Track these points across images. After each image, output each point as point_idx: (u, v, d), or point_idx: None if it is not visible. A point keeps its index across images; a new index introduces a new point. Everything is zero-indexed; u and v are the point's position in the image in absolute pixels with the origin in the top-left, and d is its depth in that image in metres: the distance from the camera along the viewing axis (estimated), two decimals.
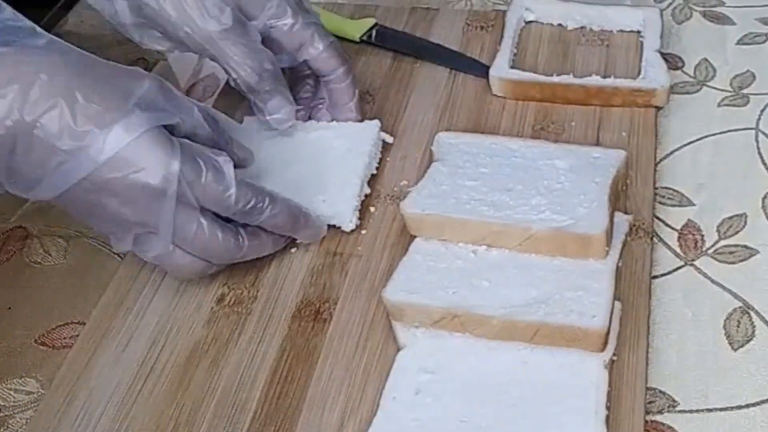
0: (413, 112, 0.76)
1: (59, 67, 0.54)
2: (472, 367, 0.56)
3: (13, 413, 0.60)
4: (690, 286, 0.62)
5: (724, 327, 0.60)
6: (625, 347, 0.57)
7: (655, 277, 0.63)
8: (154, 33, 0.68)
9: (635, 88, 0.73)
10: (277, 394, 0.58)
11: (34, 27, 0.56)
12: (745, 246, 0.64)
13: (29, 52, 0.54)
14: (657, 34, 0.78)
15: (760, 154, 0.70)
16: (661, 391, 0.57)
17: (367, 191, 0.69)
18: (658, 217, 0.66)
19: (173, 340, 0.62)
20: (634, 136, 0.71)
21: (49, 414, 0.58)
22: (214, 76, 0.84)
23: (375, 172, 0.70)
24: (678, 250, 0.65)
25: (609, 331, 0.56)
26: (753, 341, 0.59)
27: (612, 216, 0.61)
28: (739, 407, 0.55)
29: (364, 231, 0.67)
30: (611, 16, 0.80)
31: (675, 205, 0.67)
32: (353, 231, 0.66)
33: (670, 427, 0.55)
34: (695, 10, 0.84)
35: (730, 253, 0.64)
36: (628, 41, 0.79)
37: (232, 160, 0.59)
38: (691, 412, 0.55)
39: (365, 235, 0.66)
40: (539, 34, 0.81)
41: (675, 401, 0.56)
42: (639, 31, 0.80)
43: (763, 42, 0.80)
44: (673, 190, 0.68)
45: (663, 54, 0.76)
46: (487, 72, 0.76)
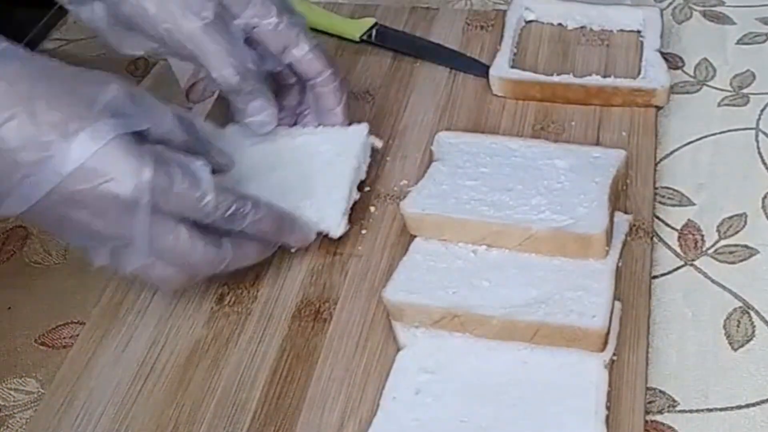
0: (413, 111, 0.76)
1: (19, 75, 0.51)
2: (472, 367, 0.56)
3: (13, 413, 0.60)
4: (690, 286, 0.62)
5: (724, 327, 0.60)
6: (625, 347, 0.57)
7: (655, 277, 0.63)
8: (133, 36, 0.65)
9: (635, 88, 0.73)
10: (277, 394, 0.58)
11: None
12: (745, 246, 0.64)
13: None
14: (657, 33, 0.78)
15: (760, 154, 0.70)
16: (661, 391, 0.57)
17: (356, 197, 0.66)
18: (658, 217, 0.66)
19: (173, 340, 0.62)
20: (634, 135, 0.71)
21: (49, 414, 0.58)
22: None
23: (364, 177, 0.68)
24: (678, 250, 0.65)
25: (609, 331, 0.56)
26: (753, 341, 0.59)
27: (612, 216, 0.61)
28: (739, 407, 0.55)
29: (364, 231, 0.67)
30: (611, 16, 0.81)
31: (675, 205, 0.67)
32: (344, 236, 0.64)
33: (670, 427, 0.55)
34: (695, 10, 0.84)
35: (730, 253, 0.64)
36: (628, 41, 0.79)
37: (210, 165, 0.56)
38: (691, 412, 0.55)
39: (365, 235, 0.66)
40: (539, 34, 0.81)
41: (675, 401, 0.56)
42: (639, 31, 0.80)
43: (763, 42, 0.80)
44: (673, 190, 0.68)
45: (663, 54, 0.76)
46: (487, 72, 0.76)
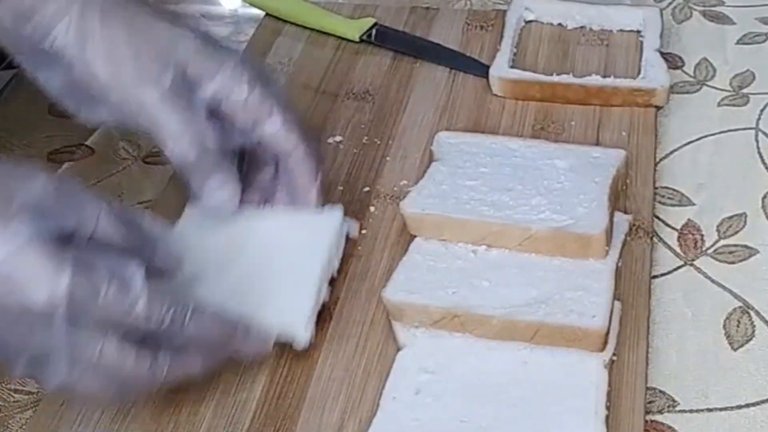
0: (413, 111, 0.76)
1: None
2: (472, 367, 0.56)
3: (13, 413, 0.60)
4: (690, 286, 0.62)
5: (724, 327, 0.60)
6: (625, 347, 0.57)
7: (655, 277, 0.63)
8: (90, 103, 0.59)
9: (635, 88, 0.73)
10: (277, 394, 0.58)
11: None
12: (745, 246, 0.64)
13: None
14: (657, 33, 0.78)
15: (760, 153, 0.70)
16: (661, 391, 0.57)
17: (326, 297, 0.60)
18: (658, 217, 0.66)
19: None
20: (634, 135, 0.71)
21: (49, 414, 0.58)
22: None
23: (337, 270, 0.62)
24: (678, 250, 0.65)
25: (609, 331, 0.56)
26: (753, 341, 0.59)
27: (612, 216, 0.61)
28: (739, 407, 0.55)
29: (364, 231, 0.66)
30: (611, 16, 0.81)
31: (675, 205, 0.67)
32: (307, 343, 0.57)
33: (670, 427, 0.55)
34: (695, 10, 0.84)
35: (730, 253, 0.64)
36: (628, 41, 0.79)
37: (145, 267, 0.49)
38: (691, 412, 0.55)
39: (365, 235, 0.66)
40: (539, 34, 0.81)
41: (675, 401, 0.56)
42: (639, 31, 0.80)
43: (763, 42, 0.80)
44: (673, 190, 0.68)
45: (663, 53, 0.76)
46: (487, 72, 0.76)
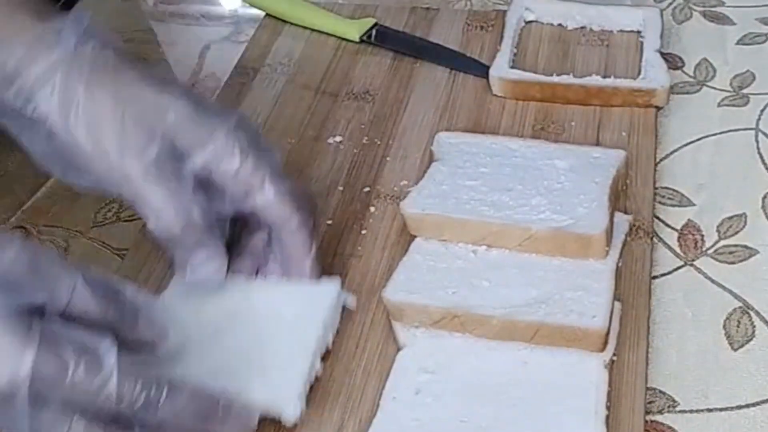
0: (413, 111, 0.76)
1: None
2: (472, 367, 0.56)
3: None
4: (690, 286, 0.62)
5: (724, 327, 0.60)
6: (625, 347, 0.57)
7: (655, 277, 0.63)
8: (76, 169, 0.57)
9: (635, 88, 0.73)
10: None
11: None
12: (745, 246, 0.64)
13: None
14: (657, 34, 0.78)
15: (760, 154, 0.70)
16: (661, 391, 0.57)
17: (319, 371, 0.57)
18: (658, 217, 0.66)
19: None
20: (634, 136, 0.71)
21: None
22: (214, 76, 0.84)
23: (331, 344, 0.58)
24: (678, 250, 0.65)
25: (609, 331, 0.56)
26: (753, 341, 0.59)
27: (612, 216, 0.61)
28: (739, 407, 0.55)
29: (364, 231, 0.66)
30: (611, 16, 0.81)
31: (675, 205, 0.67)
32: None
33: (670, 427, 0.55)
34: (695, 10, 0.84)
35: (730, 253, 0.64)
36: (628, 41, 0.79)
37: (127, 340, 0.47)
38: (691, 412, 0.55)
39: (365, 235, 0.66)
40: (539, 34, 0.81)
41: (675, 401, 0.56)
42: (639, 31, 0.80)
43: (763, 42, 0.80)
44: (673, 190, 0.68)
45: (663, 54, 0.76)
46: (487, 72, 0.76)
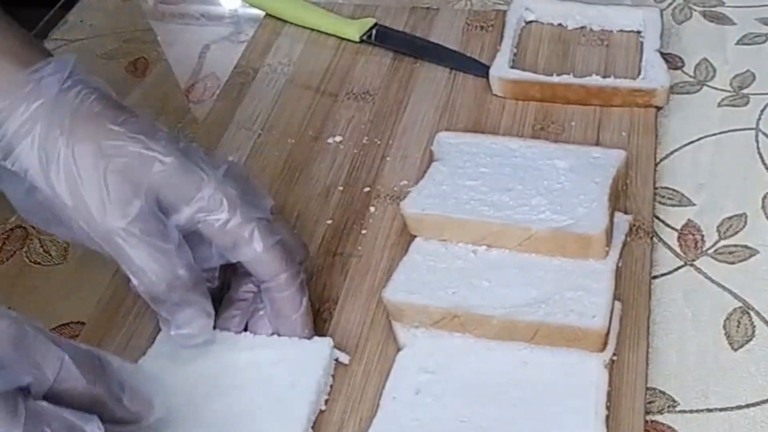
0: (413, 111, 0.76)
1: None
2: (472, 367, 0.56)
3: None
4: (690, 286, 0.62)
5: (724, 327, 0.60)
6: (625, 347, 0.57)
7: (655, 277, 0.63)
8: (58, 223, 0.56)
9: (635, 88, 0.73)
10: None
11: None
12: (745, 246, 0.64)
13: None
14: (657, 34, 0.78)
15: (760, 154, 0.70)
16: (661, 391, 0.57)
17: None
18: (658, 217, 0.66)
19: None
20: (634, 136, 0.71)
21: None
22: (214, 76, 0.84)
23: (324, 407, 0.56)
24: (678, 250, 0.65)
25: (609, 331, 0.56)
26: (753, 341, 0.59)
27: (612, 216, 0.61)
28: (739, 407, 0.55)
29: (364, 231, 0.66)
30: (611, 16, 0.80)
31: (675, 205, 0.67)
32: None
33: (670, 427, 0.55)
34: (695, 10, 0.84)
35: (730, 253, 0.64)
36: (628, 41, 0.79)
37: (113, 415, 0.46)
38: (691, 412, 0.55)
39: (365, 235, 0.66)
40: (539, 34, 0.81)
41: (675, 401, 0.56)
42: (639, 31, 0.80)
43: (763, 42, 0.80)
44: (673, 190, 0.68)
45: (663, 54, 0.76)
46: (487, 72, 0.76)
